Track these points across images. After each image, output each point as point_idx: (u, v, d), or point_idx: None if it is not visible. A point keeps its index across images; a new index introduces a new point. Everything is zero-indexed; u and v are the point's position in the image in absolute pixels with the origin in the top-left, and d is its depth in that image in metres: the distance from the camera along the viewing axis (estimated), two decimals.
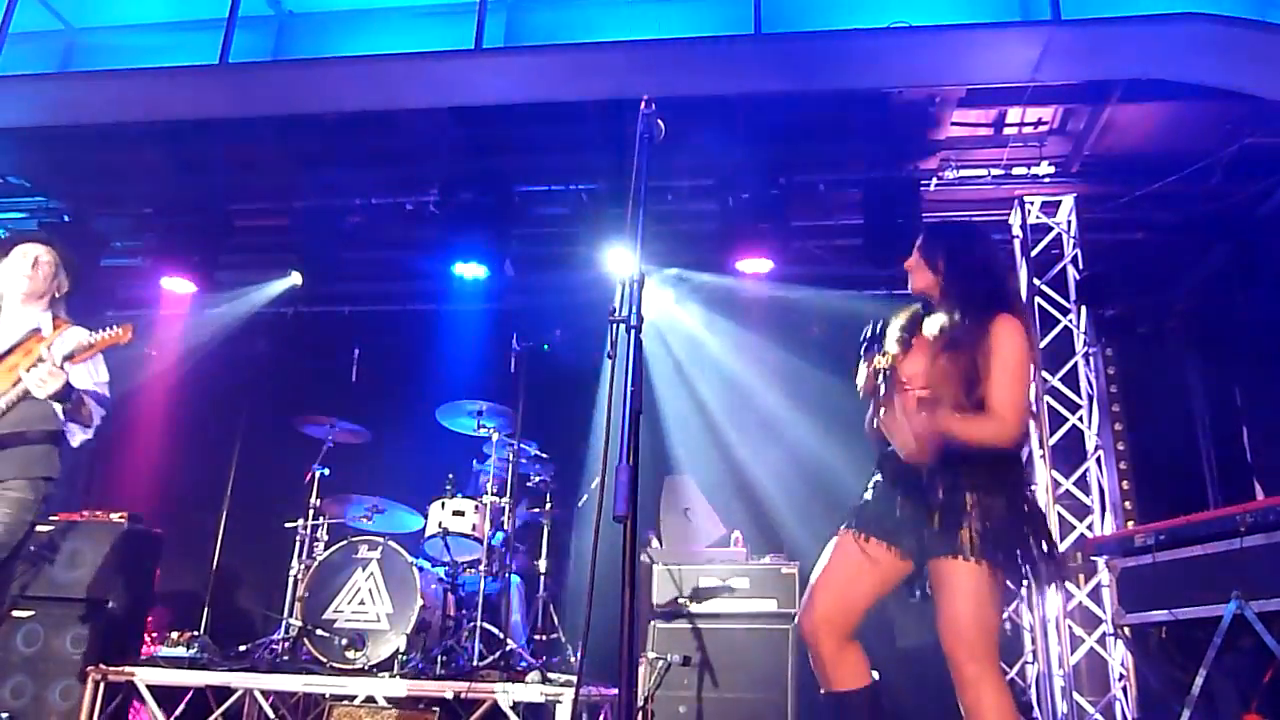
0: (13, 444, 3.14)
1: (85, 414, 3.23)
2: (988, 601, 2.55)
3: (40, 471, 3.20)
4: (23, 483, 3.16)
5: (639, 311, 2.09)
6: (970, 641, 2.52)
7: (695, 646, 4.69)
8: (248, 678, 4.76)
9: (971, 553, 2.54)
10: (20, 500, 3.13)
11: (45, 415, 3.17)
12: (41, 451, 3.22)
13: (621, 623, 1.81)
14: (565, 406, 6.30)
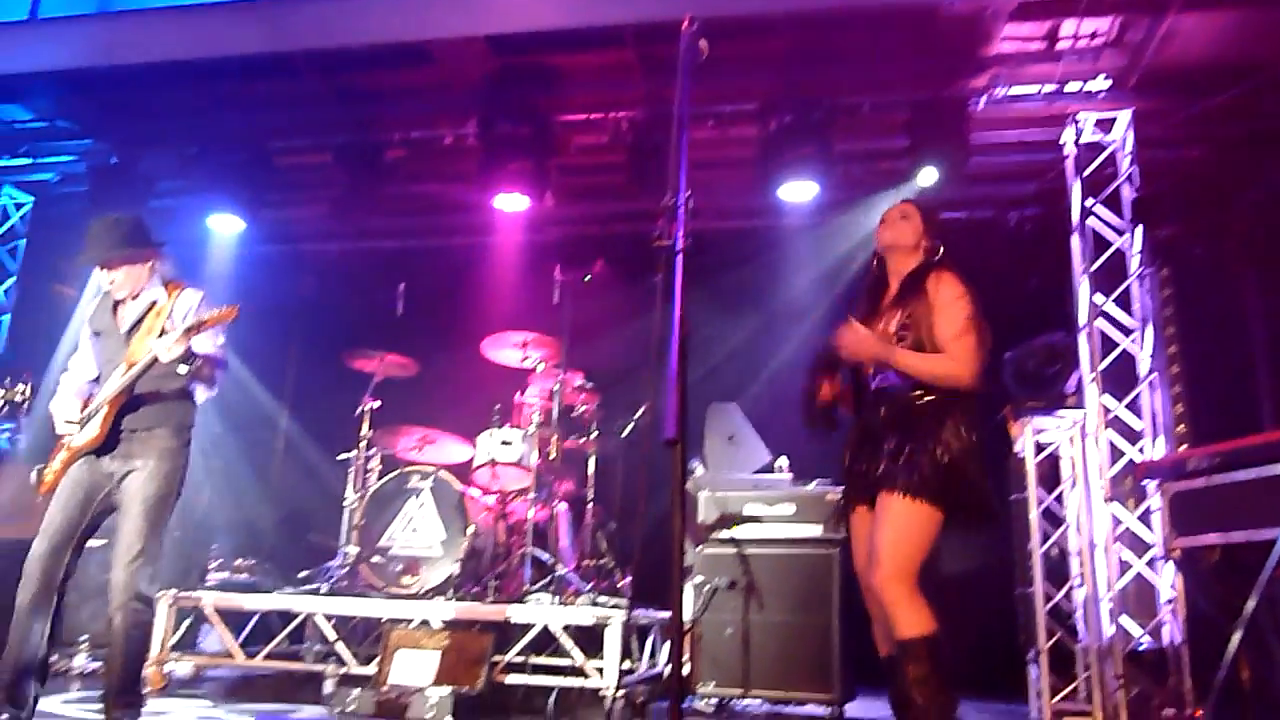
0: (151, 401, 3.47)
1: (207, 374, 3.52)
2: (913, 531, 2.72)
3: (179, 420, 3.52)
4: (168, 432, 3.47)
5: (683, 237, 2.08)
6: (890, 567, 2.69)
7: (741, 571, 4.75)
8: (309, 601, 4.93)
9: (908, 490, 2.72)
10: (169, 449, 3.45)
11: (175, 374, 3.43)
12: (177, 405, 3.52)
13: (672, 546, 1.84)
14: (609, 336, 6.32)
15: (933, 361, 2.80)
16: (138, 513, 3.39)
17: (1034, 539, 5.19)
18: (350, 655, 4.72)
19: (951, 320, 2.84)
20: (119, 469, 3.44)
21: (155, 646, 4.86)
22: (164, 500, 3.43)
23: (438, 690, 4.03)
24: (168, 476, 3.44)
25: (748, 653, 4.59)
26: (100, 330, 3.63)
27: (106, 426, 3.41)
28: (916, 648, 2.63)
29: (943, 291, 2.88)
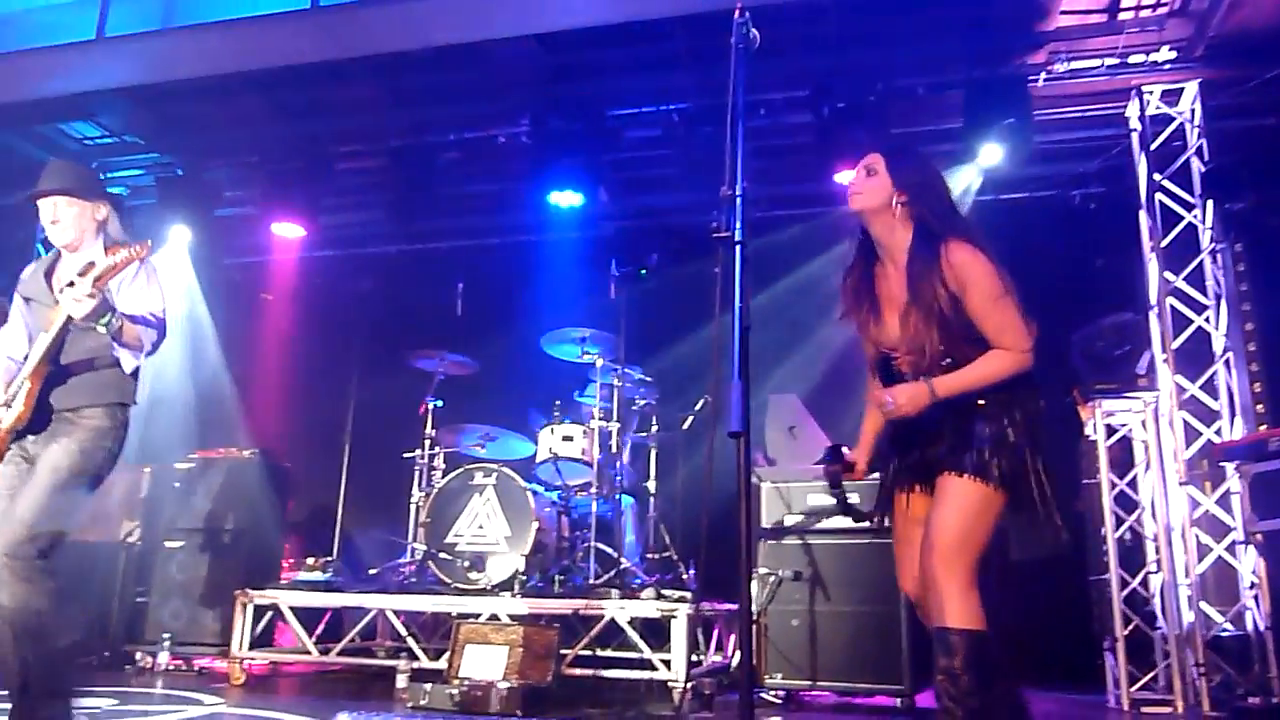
0: (83, 371, 3.14)
1: (131, 337, 3.12)
2: (973, 517, 2.51)
3: (114, 398, 3.16)
4: (98, 410, 3.12)
5: (742, 227, 2.07)
6: (946, 549, 2.49)
7: (806, 562, 4.72)
8: (380, 599, 5.03)
9: (976, 472, 2.50)
10: (97, 428, 3.10)
11: (109, 344, 3.13)
12: (112, 377, 3.17)
13: (740, 537, 1.84)
14: (666, 329, 6.32)
15: (983, 367, 2.53)
16: (43, 484, 2.98)
17: (1107, 524, 5.06)
18: (421, 650, 4.80)
19: (985, 299, 2.52)
20: (41, 451, 3.08)
21: (235, 644, 5.00)
22: (76, 477, 3.02)
23: (507, 684, 4.08)
24: (88, 453, 3.05)
25: (815, 644, 4.57)
26: (31, 296, 3.30)
27: (30, 403, 3.05)
28: (957, 639, 2.42)
29: (960, 268, 2.52)
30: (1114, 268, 6.11)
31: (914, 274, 2.58)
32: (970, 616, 2.44)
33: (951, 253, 2.53)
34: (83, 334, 3.11)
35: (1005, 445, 2.53)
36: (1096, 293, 5.90)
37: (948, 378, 2.52)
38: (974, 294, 2.52)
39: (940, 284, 2.53)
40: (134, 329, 3.11)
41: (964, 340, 2.55)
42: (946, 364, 2.57)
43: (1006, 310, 2.54)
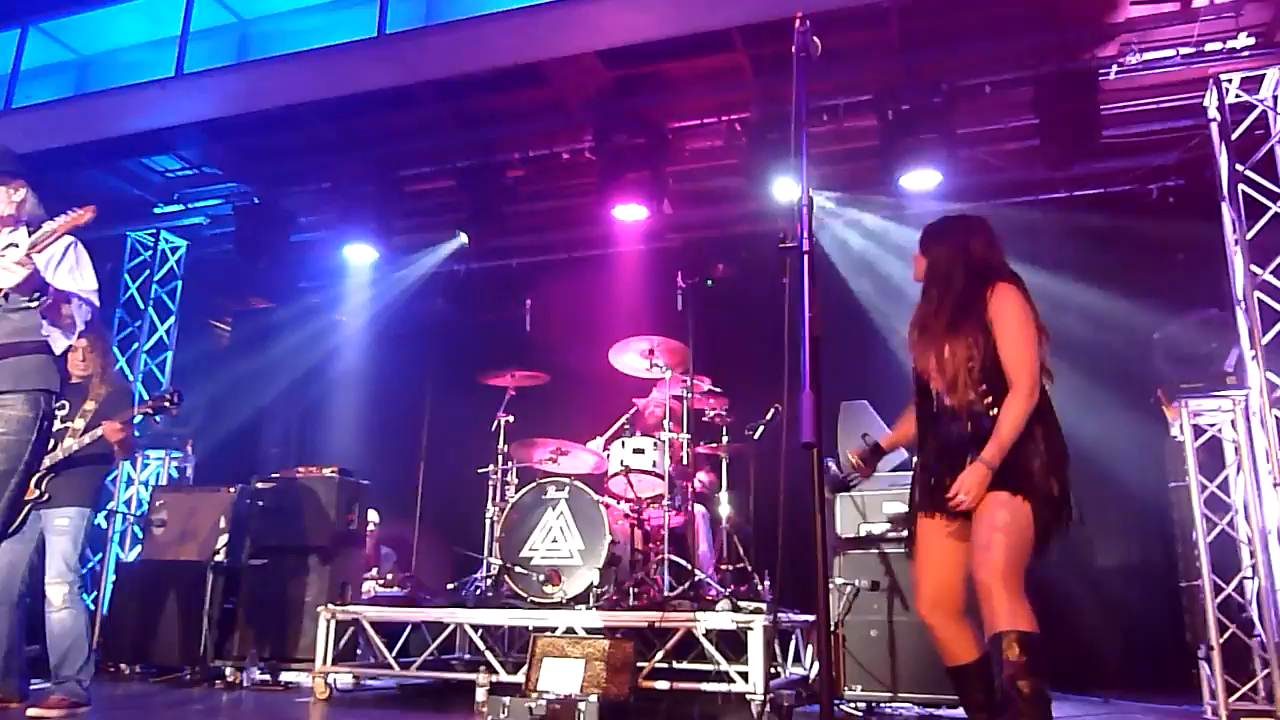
0: (6, 355, 3.02)
1: (65, 315, 3.03)
2: (1017, 531, 2.69)
3: (37, 383, 3.04)
4: (19, 397, 2.99)
5: (809, 235, 2.06)
6: (996, 563, 2.66)
7: (883, 571, 4.66)
8: (458, 613, 5.09)
9: (1016, 488, 2.70)
10: (19, 418, 2.97)
11: (35, 325, 3.03)
12: (35, 362, 3.05)
13: (816, 547, 1.82)
14: (733, 339, 6.30)
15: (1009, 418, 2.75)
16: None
17: (1198, 529, 4.88)
18: (499, 664, 4.85)
19: (1009, 335, 2.81)
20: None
21: (319, 659, 5.12)
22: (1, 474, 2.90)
23: (586, 697, 4.10)
24: (9, 449, 2.93)
25: (894, 655, 4.50)
26: None
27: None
28: (1020, 641, 2.60)
29: (996, 303, 2.84)
30: (1196, 262, 5.91)
31: (957, 309, 2.89)
32: (1027, 620, 2.63)
33: (996, 291, 2.85)
34: (7, 316, 2.99)
35: (1039, 460, 2.75)
36: (1179, 289, 5.71)
37: (993, 447, 2.74)
38: (1001, 328, 2.81)
39: (980, 321, 2.83)
40: (68, 307, 3.01)
41: (997, 372, 2.80)
42: (982, 390, 2.81)
43: (1025, 349, 2.79)
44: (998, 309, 2.83)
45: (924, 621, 2.96)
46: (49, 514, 4.42)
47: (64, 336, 3.08)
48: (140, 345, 8.59)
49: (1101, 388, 5.55)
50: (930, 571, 2.95)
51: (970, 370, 2.83)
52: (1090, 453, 5.00)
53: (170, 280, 8.88)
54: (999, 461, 2.74)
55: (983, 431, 2.78)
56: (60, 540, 4.39)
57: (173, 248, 8.89)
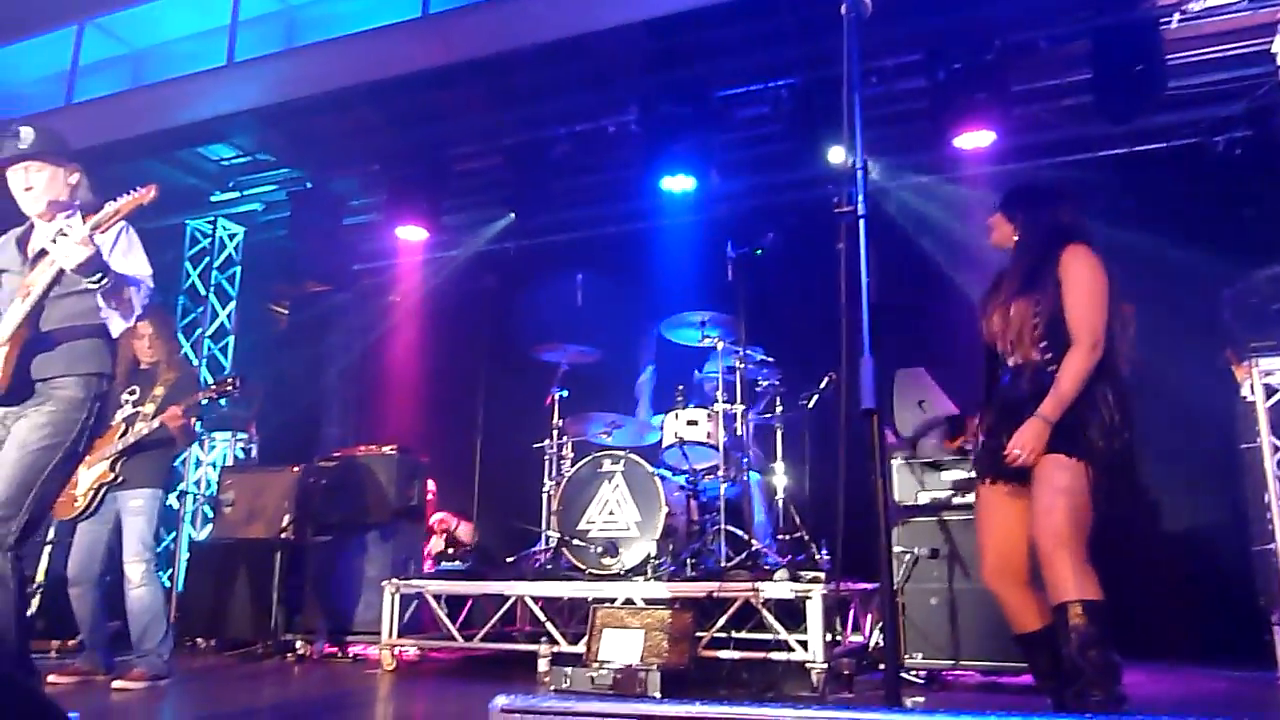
0: (61, 339, 3.03)
1: (125, 298, 3.04)
2: (1078, 494, 2.66)
3: (90, 367, 3.05)
4: (71, 379, 3.01)
5: (864, 201, 2.03)
6: (1055, 529, 2.63)
7: (942, 539, 4.61)
8: (518, 586, 5.17)
9: (1073, 451, 2.68)
10: (70, 399, 2.98)
11: (90, 309, 3.05)
12: (89, 346, 3.07)
13: (879, 514, 1.81)
14: (786, 308, 6.26)
15: (1070, 373, 2.73)
16: (11, 459, 2.87)
17: (1270, 491, 4.75)
18: (560, 635, 4.92)
19: (1077, 293, 2.79)
20: (17, 415, 2.98)
21: (384, 632, 5.24)
22: (47, 450, 2.90)
23: (647, 667, 4.14)
24: (59, 425, 2.93)
25: (956, 622, 4.46)
26: (4, 267, 3.18)
27: (9, 369, 2.94)
28: (1084, 610, 2.58)
29: (1066, 264, 2.83)
30: (1266, 216, 5.71)
31: (1027, 270, 2.90)
32: (1091, 587, 2.60)
33: (1067, 252, 2.84)
34: (60, 300, 3.02)
35: (1101, 423, 2.71)
36: (1247, 244, 5.52)
37: (1050, 401, 2.72)
38: (1069, 287, 2.79)
39: (1050, 280, 2.82)
40: (127, 290, 3.03)
41: (1061, 330, 2.78)
42: (1043, 347, 2.79)
43: (1090, 306, 2.76)
44: (1066, 267, 2.81)
45: (988, 589, 2.94)
46: (124, 495, 4.59)
47: (122, 319, 3.10)
48: (203, 331, 8.80)
49: (1167, 347, 5.41)
50: (993, 538, 2.92)
51: (1034, 328, 2.81)
52: (1156, 414, 4.89)
53: (229, 266, 9.07)
54: (1057, 416, 2.70)
55: (1042, 389, 2.75)
56: (136, 520, 4.55)
57: (230, 234, 9.08)
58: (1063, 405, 2.70)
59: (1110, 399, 2.74)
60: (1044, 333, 2.80)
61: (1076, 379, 2.71)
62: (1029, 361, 2.83)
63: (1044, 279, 2.84)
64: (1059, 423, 2.72)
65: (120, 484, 4.57)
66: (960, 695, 4.39)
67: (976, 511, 2.99)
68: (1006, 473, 2.83)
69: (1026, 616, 2.87)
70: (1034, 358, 2.81)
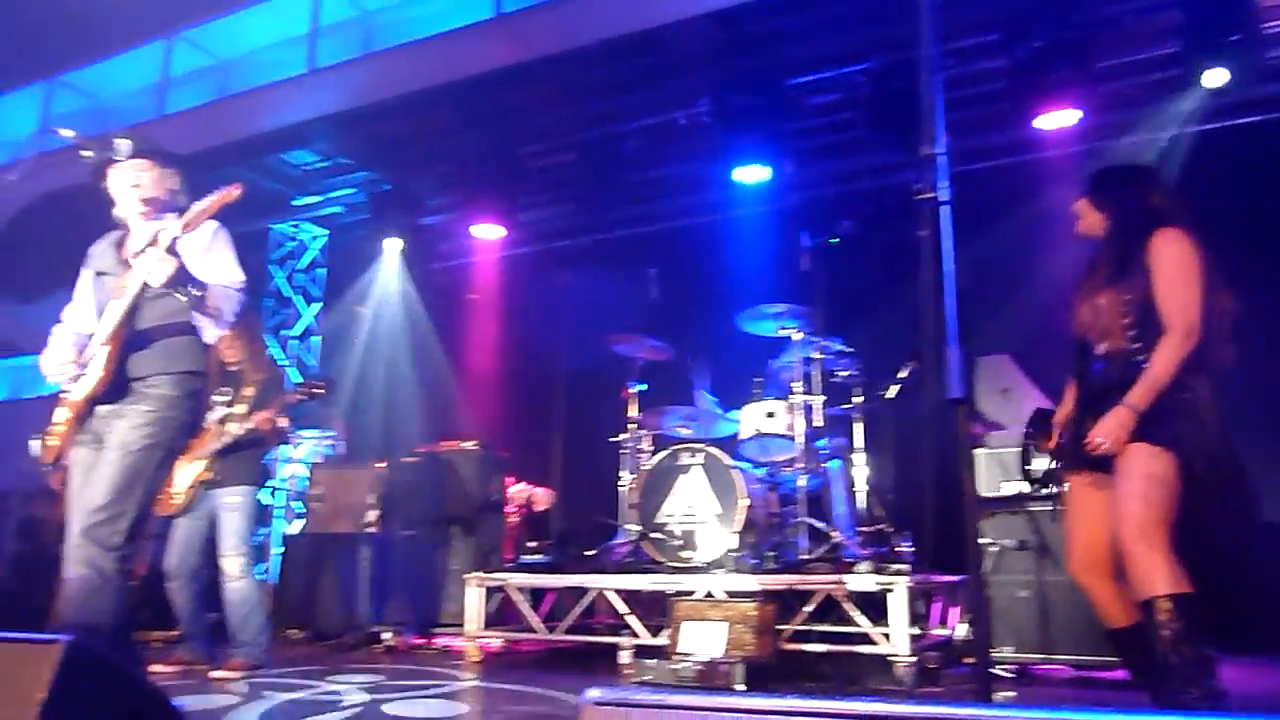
0: (157, 338, 3.06)
1: (212, 306, 3.05)
2: (1163, 485, 2.57)
3: (184, 365, 3.10)
4: (167, 378, 3.04)
5: (946, 186, 1.99)
6: (1139, 520, 2.55)
7: (1030, 530, 4.51)
8: (599, 579, 5.21)
9: (1158, 440, 2.59)
10: (165, 397, 3.02)
11: (184, 308, 3.06)
12: (184, 345, 3.11)
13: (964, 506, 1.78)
14: (863, 297, 6.17)
15: (1161, 362, 2.63)
16: (112, 460, 2.91)
17: None
18: (641, 627, 4.94)
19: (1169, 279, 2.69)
20: (115, 415, 3.01)
21: (469, 624, 5.33)
22: (147, 450, 2.94)
23: (730, 659, 4.14)
24: (157, 425, 2.97)
25: (1046, 616, 4.36)
26: (104, 270, 3.22)
27: (110, 366, 2.98)
28: (1174, 604, 2.49)
29: (1157, 250, 2.73)
30: None
31: (1117, 258, 2.80)
32: (1177, 580, 2.52)
33: (1158, 237, 2.73)
34: (156, 300, 3.05)
35: (1187, 413, 2.62)
36: None
37: (1138, 390, 2.63)
38: (1161, 274, 2.69)
39: (1141, 266, 2.73)
40: (214, 298, 3.05)
41: (1152, 318, 2.69)
42: (1132, 336, 2.71)
43: (1183, 294, 2.66)
44: (1158, 253, 2.71)
45: (1077, 581, 2.87)
46: (219, 493, 4.75)
47: (214, 326, 3.13)
48: (289, 331, 9.08)
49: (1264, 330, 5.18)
50: (1080, 530, 2.85)
51: (1123, 316, 2.72)
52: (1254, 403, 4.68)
53: (313, 268, 9.34)
54: (1144, 405, 2.61)
55: (1130, 379, 2.67)
56: (232, 517, 4.71)
57: (313, 237, 9.34)
58: (1151, 394, 2.61)
59: (1202, 389, 2.65)
60: (1134, 321, 2.71)
61: (1167, 368, 2.62)
62: (1118, 351, 2.74)
63: (1134, 266, 2.74)
64: (1146, 412, 2.63)
65: (216, 482, 4.74)
66: (1051, 690, 4.29)
67: (1064, 503, 2.93)
68: (1092, 463, 2.75)
69: (1115, 611, 2.81)
70: (1123, 347, 2.73)
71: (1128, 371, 2.68)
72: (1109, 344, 2.77)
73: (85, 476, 2.99)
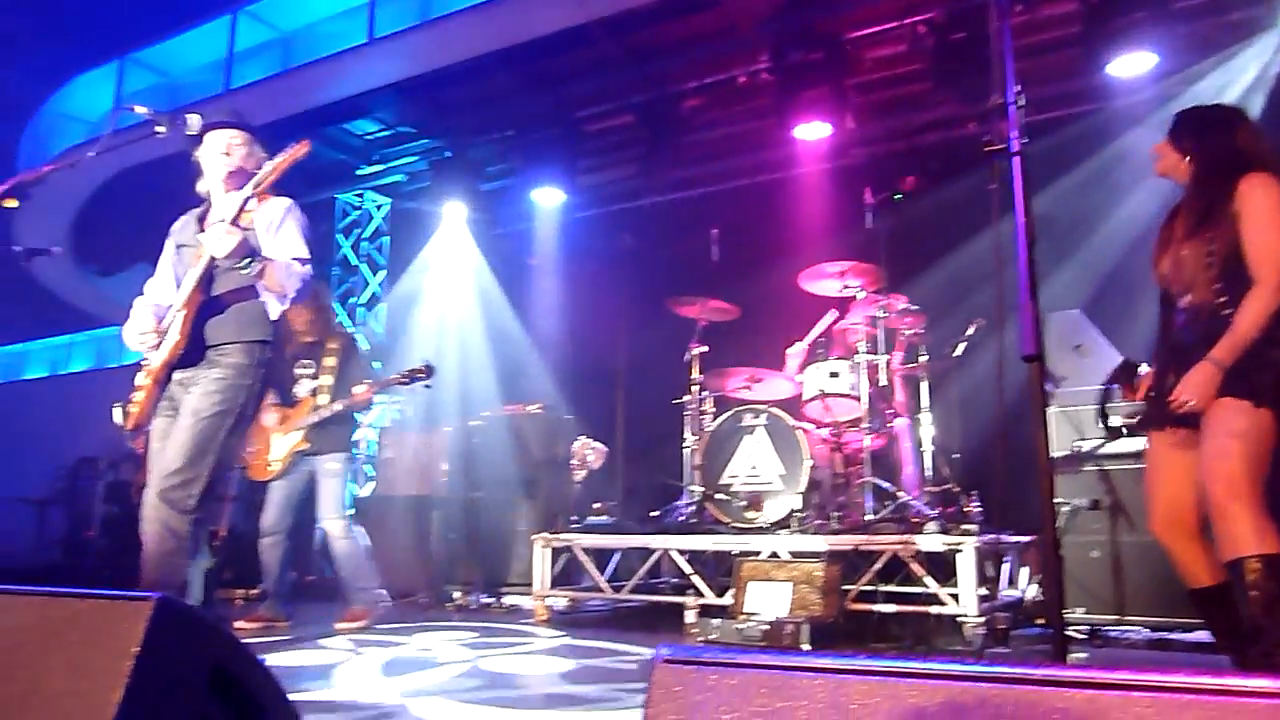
0: (230, 303, 3.16)
1: (273, 281, 3.12)
2: (1255, 441, 2.47)
3: (254, 334, 3.18)
4: (237, 347, 3.14)
5: (1020, 135, 1.93)
6: (1229, 477, 2.45)
7: (1104, 490, 4.42)
8: (663, 539, 5.26)
9: (1249, 394, 2.49)
10: (236, 364, 3.12)
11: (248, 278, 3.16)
12: (255, 313, 3.19)
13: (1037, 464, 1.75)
14: (929, 254, 6.06)
15: (1248, 316, 2.51)
16: (185, 425, 3.03)
17: None
18: (706, 587, 4.99)
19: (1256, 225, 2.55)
20: (189, 382, 3.13)
21: (537, 584, 5.44)
22: (219, 416, 3.05)
23: (796, 619, 4.16)
24: (227, 391, 3.07)
25: (1120, 576, 4.28)
26: (184, 243, 3.35)
27: (186, 330, 3.09)
28: (1264, 565, 2.39)
29: (1243, 196, 2.57)
30: None
31: (1201, 205, 2.67)
32: (1271, 540, 2.43)
33: (1244, 182, 2.58)
34: (230, 270, 3.12)
35: (1278, 366, 2.51)
36: None
37: (1225, 345, 2.53)
38: (1248, 221, 2.55)
39: (1226, 213, 2.59)
40: (276, 275, 3.10)
41: (1239, 269, 2.58)
42: (1218, 290, 2.59)
43: (1274, 243, 2.53)
44: (1245, 198, 2.56)
45: (1157, 541, 2.80)
46: (319, 460, 5.00)
47: (277, 302, 3.20)
48: (356, 299, 9.25)
49: None
50: (1162, 488, 2.76)
51: (1208, 267, 2.60)
52: None
53: (378, 237, 9.48)
54: (1230, 360, 2.50)
55: (1216, 332, 2.55)
56: (332, 482, 4.96)
57: (377, 205, 9.47)
58: (1239, 348, 2.50)
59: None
60: (1219, 272, 2.59)
61: (1256, 320, 2.50)
62: (1203, 304, 2.63)
63: (1219, 213, 2.60)
64: (1234, 366, 2.52)
65: (314, 450, 4.98)
66: (1127, 652, 4.22)
67: (1146, 461, 2.84)
68: (1176, 420, 2.66)
69: (1199, 571, 2.72)
70: (1208, 299, 2.61)
71: (1213, 325, 2.57)
72: (1193, 297, 2.66)
73: (162, 442, 3.12)
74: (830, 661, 1.03)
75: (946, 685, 0.91)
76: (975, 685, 0.89)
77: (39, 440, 12.00)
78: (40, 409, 13.70)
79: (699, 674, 1.11)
